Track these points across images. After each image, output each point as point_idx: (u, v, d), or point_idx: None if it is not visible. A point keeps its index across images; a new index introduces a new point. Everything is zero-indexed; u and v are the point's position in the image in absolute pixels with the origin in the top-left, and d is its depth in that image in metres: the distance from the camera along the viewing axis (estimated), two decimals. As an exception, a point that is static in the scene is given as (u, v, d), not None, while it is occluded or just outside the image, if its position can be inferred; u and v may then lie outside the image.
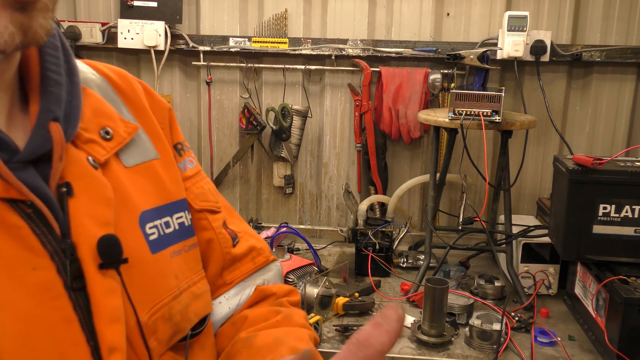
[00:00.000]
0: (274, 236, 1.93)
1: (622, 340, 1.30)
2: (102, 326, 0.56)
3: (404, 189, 2.00)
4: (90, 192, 0.59)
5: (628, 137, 2.07)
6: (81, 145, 0.61)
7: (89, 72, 0.70)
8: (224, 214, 0.83)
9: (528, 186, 2.14)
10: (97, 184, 0.60)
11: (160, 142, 0.73)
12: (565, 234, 1.47)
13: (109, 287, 0.58)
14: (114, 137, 0.65)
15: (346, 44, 2.05)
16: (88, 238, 0.57)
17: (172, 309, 0.67)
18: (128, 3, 2.07)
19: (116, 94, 0.71)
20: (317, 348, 0.81)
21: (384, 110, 2.04)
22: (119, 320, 0.58)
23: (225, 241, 0.81)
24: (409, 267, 1.91)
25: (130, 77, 0.75)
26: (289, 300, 0.89)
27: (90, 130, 0.63)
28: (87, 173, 0.60)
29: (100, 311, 0.56)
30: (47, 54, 0.61)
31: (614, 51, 1.96)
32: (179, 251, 0.70)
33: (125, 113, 0.70)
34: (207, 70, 2.14)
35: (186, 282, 0.71)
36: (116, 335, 0.57)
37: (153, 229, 0.66)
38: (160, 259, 0.66)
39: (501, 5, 2.02)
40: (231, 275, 0.83)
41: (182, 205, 0.72)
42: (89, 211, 0.58)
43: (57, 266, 0.54)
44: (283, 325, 0.82)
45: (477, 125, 1.55)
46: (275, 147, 2.13)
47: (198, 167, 0.81)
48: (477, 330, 1.41)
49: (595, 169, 1.43)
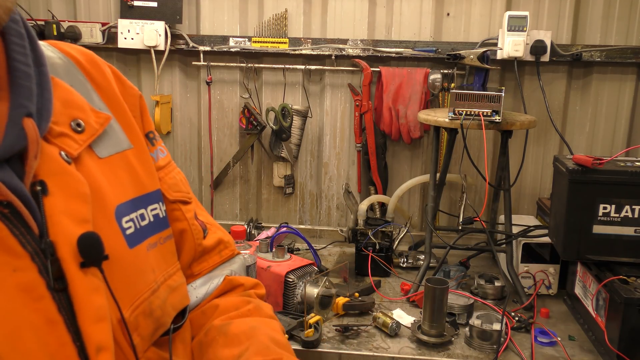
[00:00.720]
0: (274, 236, 1.93)
1: (622, 340, 1.30)
2: (88, 326, 0.55)
3: (404, 189, 2.00)
4: (66, 189, 0.57)
5: (628, 137, 2.07)
6: (52, 140, 0.59)
7: (55, 56, 0.66)
8: (194, 204, 0.82)
9: (528, 186, 2.14)
10: (72, 180, 0.58)
11: (133, 131, 0.70)
12: (565, 234, 1.47)
13: (92, 285, 0.56)
14: (85, 129, 0.62)
15: (346, 44, 2.05)
16: (67, 237, 0.55)
17: (152, 304, 0.66)
18: (128, 3, 2.07)
19: (85, 78, 0.68)
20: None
21: (384, 110, 2.04)
22: (104, 319, 0.57)
23: (197, 232, 0.80)
24: (409, 267, 1.91)
25: (98, 59, 0.72)
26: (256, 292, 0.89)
27: (61, 123, 0.60)
28: (60, 169, 0.57)
29: (85, 311, 0.55)
30: (12, 42, 0.57)
31: (614, 51, 1.96)
32: (154, 244, 0.69)
33: (95, 100, 0.67)
34: (207, 70, 2.14)
35: (162, 275, 0.70)
36: (103, 334, 0.56)
37: (129, 223, 0.64)
38: (137, 254, 0.65)
39: (501, 5, 2.02)
40: (199, 267, 0.83)
41: (156, 196, 0.70)
42: (66, 209, 0.56)
43: (38, 267, 0.53)
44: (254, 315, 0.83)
45: (477, 125, 1.55)
46: (275, 147, 2.13)
47: (169, 157, 0.80)
48: (477, 330, 1.41)
49: (595, 169, 1.43)
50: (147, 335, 0.65)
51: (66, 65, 0.67)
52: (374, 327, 1.48)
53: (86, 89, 0.67)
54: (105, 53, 2.19)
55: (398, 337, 1.45)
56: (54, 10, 2.14)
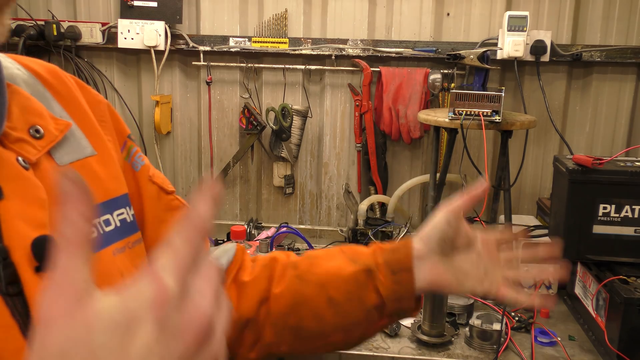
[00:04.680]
0: (274, 236, 1.93)
1: (622, 340, 1.30)
2: None
3: (404, 189, 2.00)
4: (22, 194, 0.56)
5: (628, 137, 2.07)
6: (10, 145, 0.58)
7: (13, 67, 0.66)
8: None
9: (528, 186, 2.14)
10: (29, 185, 0.57)
11: (98, 138, 0.70)
12: (565, 234, 1.48)
13: None
14: (44, 135, 0.62)
15: (346, 44, 2.05)
16: (22, 241, 0.54)
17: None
18: (128, 3, 2.07)
19: (46, 89, 0.68)
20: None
21: (384, 110, 2.04)
22: None
23: None
24: (409, 267, 1.90)
25: (60, 72, 0.72)
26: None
27: (19, 129, 0.60)
28: (17, 174, 0.57)
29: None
30: None
31: (614, 51, 1.96)
32: (122, 248, 0.68)
33: (56, 109, 0.67)
34: (207, 70, 2.14)
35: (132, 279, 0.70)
36: None
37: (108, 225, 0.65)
38: (102, 258, 0.64)
39: (501, 5, 2.02)
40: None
41: (123, 201, 0.70)
42: (22, 214, 0.55)
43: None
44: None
45: (477, 125, 1.55)
46: (275, 147, 2.13)
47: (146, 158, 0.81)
48: (477, 330, 1.41)
49: (595, 169, 1.43)
50: None
51: (25, 76, 0.67)
52: (374, 327, 1.48)
53: (45, 98, 0.67)
54: (105, 53, 2.19)
55: (398, 337, 1.44)
56: (54, 10, 2.14)
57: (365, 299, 0.81)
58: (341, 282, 0.82)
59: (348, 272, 0.82)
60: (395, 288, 0.80)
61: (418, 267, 0.81)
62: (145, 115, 2.23)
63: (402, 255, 0.82)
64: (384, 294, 0.80)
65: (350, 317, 0.82)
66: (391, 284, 0.80)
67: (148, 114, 2.22)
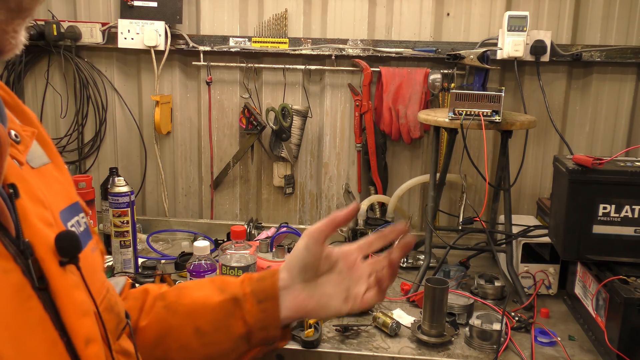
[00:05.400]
0: (274, 236, 1.93)
1: (622, 340, 1.30)
2: (74, 321, 0.57)
3: (404, 189, 2.00)
4: (29, 193, 0.59)
5: (628, 137, 2.07)
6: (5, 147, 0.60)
7: None
8: None
9: (528, 186, 2.14)
10: (30, 185, 0.60)
11: (48, 147, 0.71)
12: (565, 234, 1.47)
13: (72, 282, 0.58)
14: (21, 140, 0.63)
15: (346, 44, 2.05)
16: (43, 237, 0.57)
17: (110, 300, 0.69)
18: (128, 3, 2.07)
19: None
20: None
21: (384, 110, 2.04)
22: (88, 313, 0.59)
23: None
24: (409, 267, 1.91)
25: (2, 83, 0.74)
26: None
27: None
28: (20, 174, 0.59)
29: (69, 307, 0.57)
30: None
31: (614, 51, 1.96)
32: (93, 248, 0.71)
33: (14, 118, 0.68)
34: (207, 70, 2.14)
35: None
36: (90, 327, 0.59)
37: (73, 227, 0.66)
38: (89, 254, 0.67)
39: (501, 5, 2.02)
40: None
41: (80, 207, 0.72)
42: (34, 212, 0.58)
43: (22, 267, 0.54)
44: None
45: (477, 125, 1.55)
46: (275, 147, 2.13)
47: None
48: (477, 330, 1.41)
49: (595, 169, 1.43)
50: (112, 330, 0.68)
51: None
52: (374, 327, 1.48)
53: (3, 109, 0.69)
54: (105, 53, 2.19)
55: (398, 337, 1.45)
56: (54, 10, 2.14)
57: (232, 328, 0.82)
58: (209, 311, 0.83)
59: (215, 302, 0.83)
60: (261, 316, 0.82)
61: (283, 296, 0.83)
62: (145, 115, 2.23)
63: (268, 284, 0.83)
64: (250, 323, 0.82)
65: (218, 347, 0.83)
66: (257, 312, 0.82)
67: (148, 114, 2.22)
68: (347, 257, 0.86)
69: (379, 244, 0.87)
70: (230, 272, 1.42)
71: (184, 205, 2.30)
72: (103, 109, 2.22)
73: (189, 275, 1.44)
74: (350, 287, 0.84)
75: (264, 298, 0.82)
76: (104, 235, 1.92)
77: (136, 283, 1.59)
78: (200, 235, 2.12)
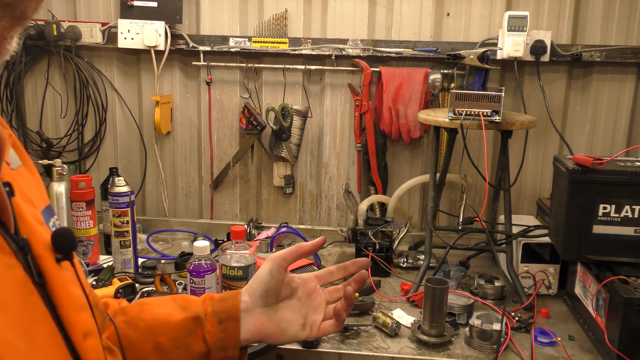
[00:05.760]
0: (274, 236, 1.93)
1: (622, 340, 1.30)
2: (72, 315, 0.58)
3: (404, 189, 2.00)
4: (20, 193, 0.60)
5: (628, 137, 2.07)
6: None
7: None
8: None
9: (528, 186, 2.14)
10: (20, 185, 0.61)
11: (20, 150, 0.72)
12: (565, 234, 1.47)
13: (68, 278, 0.60)
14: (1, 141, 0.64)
15: (346, 44, 2.05)
16: (38, 235, 0.58)
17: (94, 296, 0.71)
18: (128, 3, 2.07)
19: None
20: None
21: (384, 110, 2.04)
22: (85, 308, 0.61)
23: None
24: (409, 267, 1.91)
25: None
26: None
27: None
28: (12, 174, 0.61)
29: (67, 302, 0.58)
30: None
31: (614, 51, 1.96)
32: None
33: None
34: (207, 70, 2.14)
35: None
36: (87, 321, 0.60)
37: (54, 227, 0.67)
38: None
39: (501, 5, 2.02)
40: None
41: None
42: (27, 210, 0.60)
43: (22, 264, 0.55)
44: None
45: (477, 125, 1.55)
46: (275, 147, 2.13)
47: None
48: (477, 330, 1.41)
49: (595, 169, 1.43)
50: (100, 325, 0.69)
51: None
52: (374, 327, 1.48)
53: None
54: (105, 53, 2.19)
55: (398, 337, 1.45)
56: (54, 10, 2.14)
57: (192, 346, 0.83)
58: (169, 328, 0.84)
59: (177, 319, 0.84)
60: (221, 336, 0.83)
61: (244, 318, 0.84)
62: (145, 115, 2.23)
63: (229, 305, 0.85)
64: (209, 342, 0.83)
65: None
66: (217, 332, 0.83)
67: (148, 114, 2.22)
68: (307, 285, 0.89)
69: (339, 275, 0.91)
70: (231, 272, 1.42)
71: (184, 205, 2.30)
72: (103, 109, 2.22)
73: (189, 276, 1.44)
74: (308, 314, 0.88)
75: (225, 318, 0.84)
76: (104, 235, 1.92)
77: (136, 283, 1.59)
78: (200, 235, 2.12)
